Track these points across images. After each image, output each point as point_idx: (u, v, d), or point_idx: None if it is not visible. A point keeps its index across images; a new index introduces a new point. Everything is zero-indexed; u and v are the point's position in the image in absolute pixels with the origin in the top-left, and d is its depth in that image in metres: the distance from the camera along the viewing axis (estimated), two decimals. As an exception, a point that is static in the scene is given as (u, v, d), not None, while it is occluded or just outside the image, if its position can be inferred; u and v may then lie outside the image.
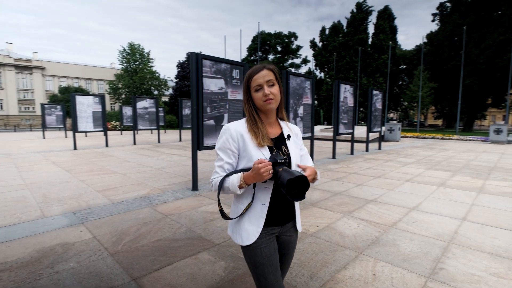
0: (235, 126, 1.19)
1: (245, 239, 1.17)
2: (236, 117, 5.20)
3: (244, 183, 1.09)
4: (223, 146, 1.19)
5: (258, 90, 1.15)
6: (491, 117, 46.33)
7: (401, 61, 38.28)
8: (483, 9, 29.35)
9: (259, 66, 1.17)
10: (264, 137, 1.16)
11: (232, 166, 1.19)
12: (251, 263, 1.20)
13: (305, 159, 1.34)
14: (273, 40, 45.13)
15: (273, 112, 1.23)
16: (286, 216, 1.24)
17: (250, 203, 1.16)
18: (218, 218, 3.36)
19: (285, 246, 1.28)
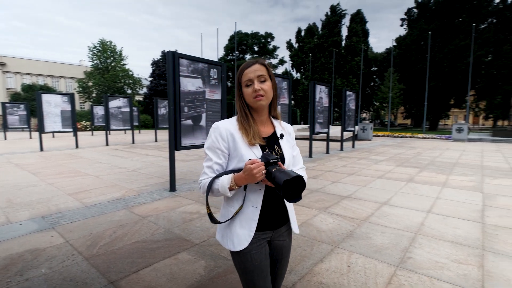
0: (225, 125, 1.13)
1: (236, 244, 1.10)
2: (214, 117, 5.19)
3: (235, 185, 1.03)
4: (212, 145, 1.12)
5: (248, 85, 1.10)
6: (453, 116, 49.59)
7: (372, 63, 39.87)
8: (446, 16, 31.39)
9: (252, 61, 1.12)
10: (255, 135, 1.10)
11: (221, 167, 1.12)
12: (240, 269, 1.16)
13: (297, 160, 1.26)
14: (250, 40, 45.27)
15: (265, 110, 1.17)
16: (279, 219, 1.18)
17: (241, 205, 1.10)
18: (197, 218, 3.36)
19: (278, 251, 1.22)
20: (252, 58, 1.19)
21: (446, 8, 31.14)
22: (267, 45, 45.78)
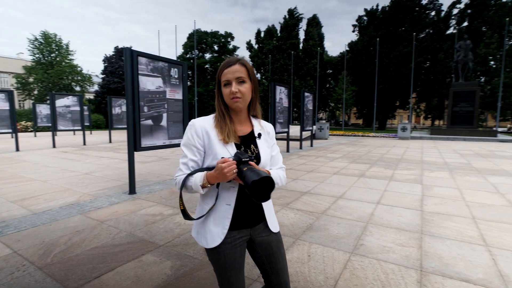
0: (200, 122, 1.14)
1: (209, 241, 1.12)
2: (175, 117, 5.11)
3: (208, 183, 1.04)
4: (188, 142, 1.13)
5: (226, 85, 1.10)
6: (399, 117, 54.39)
7: (328, 66, 42.08)
8: (391, 24, 34.34)
9: (233, 60, 1.10)
10: (230, 134, 1.11)
11: (197, 164, 1.13)
12: (214, 265, 1.18)
13: (275, 160, 1.25)
14: (210, 39, 44.72)
15: (243, 110, 1.17)
16: (255, 217, 1.18)
17: (214, 203, 1.11)
18: (160, 220, 3.30)
19: (265, 246, 1.21)
20: (233, 56, 1.20)
21: (391, 18, 34.09)
22: (227, 44, 45.63)
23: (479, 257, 2.43)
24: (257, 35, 43.79)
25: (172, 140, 5.08)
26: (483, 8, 30.07)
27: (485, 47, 28.49)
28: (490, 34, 28.64)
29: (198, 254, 2.46)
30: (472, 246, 2.65)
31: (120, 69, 32.64)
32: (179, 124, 5.21)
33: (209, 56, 45.95)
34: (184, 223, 3.18)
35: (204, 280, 2.08)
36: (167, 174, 5.93)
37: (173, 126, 5.08)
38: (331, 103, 41.75)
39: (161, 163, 7.46)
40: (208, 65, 44.59)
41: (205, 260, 2.36)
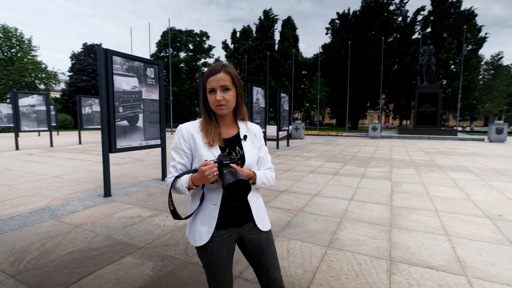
0: (186, 127, 1.20)
1: (197, 240, 1.17)
2: (152, 118, 5.03)
3: (193, 184, 1.09)
4: (175, 146, 1.19)
5: (211, 92, 1.14)
6: (370, 117, 56.83)
7: (302, 67, 43.00)
8: (362, 28, 35.78)
9: (218, 67, 1.14)
10: (215, 137, 1.15)
11: (184, 166, 1.18)
12: (202, 263, 1.23)
13: (263, 161, 1.28)
14: (185, 37, 43.99)
15: (228, 114, 1.22)
16: (243, 216, 1.21)
17: (200, 203, 1.16)
18: (138, 222, 3.26)
19: (255, 244, 1.24)
20: (217, 61, 1.24)
21: (362, 22, 35.52)
22: (202, 43, 45.14)
23: (441, 245, 2.68)
24: (232, 35, 43.73)
25: (149, 141, 5.00)
26: (444, 16, 32.27)
27: (446, 52, 30.60)
28: (450, 40, 30.82)
29: (179, 254, 2.48)
30: (435, 236, 2.90)
31: (90, 67, 31.14)
32: (156, 124, 5.14)
33: (184, 55, 45.20)
34: (163, 225, 3.17)
35: (187, 279, 2.11)
36: (143, 176, 5.81)
37: (149, 126, 5.00)
38: (306, 104, 42.70)
39: (137, 164, 7.28)
40: (183, 64, 43.83)
41: (187, 260, 2.39)
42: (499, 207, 3.87)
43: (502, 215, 3.54)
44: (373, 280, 2.10)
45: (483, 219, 3.39)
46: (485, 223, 3.27)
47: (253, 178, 1.17)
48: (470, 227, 3.14)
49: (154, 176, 5.76)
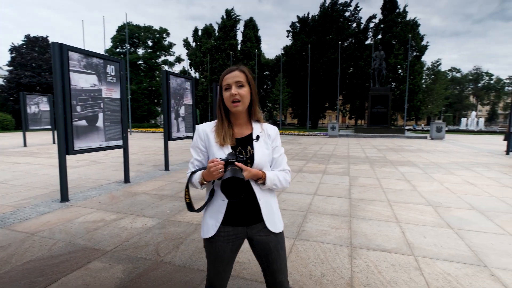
0: (203, 126, 1.29)
1: (205, 232, 1.24)
2: (113, 117, 4.81)
3: (204, 180, 1.17)
4: (194, 144, 1.30)
5: (227, 89, 1.21)
6: (328, 117, 59.73)
7: (265, 68, 43.67)
8: (320, 32, 37.44)
9: (233, 67, 1.23)
10: (226, 137, 1.21)
11: (201, 163, 1.27)
12: (206, 253, 1.30)
13: (277, 162, 1.30)
14: (143, 33, 42.03)
15: (243, 114, 1.27)
16: (251, 216, 1.23)
17: (209, 198, 1.23)
18: (103, 226, 3.14)
19: (263, 246, 1.25)
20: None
21: (320, 26, 37.18)
22: (162, 40, 43.54)
23: (393, 231, 3.00)
24: (194, 33, 42.91)
25: (110, 142, 4.78)
26: (392, 24, 35.14)
27: (394, 57, 33.36)
28: (398, 46, 33.67)
29: (151, 255, 2.46)
30: (388, 223, 3.23)
31: (34, 61, 28.29)
32: (117, 124, 4.93)
33: (143, 51, 43.19)
34: (131, 227, 3.09)
35: (160, 278, 2.11)
36: (103, 179, 5.52)
37: (110, 127, 4.78)
38: (268, 104, 43.45)
39: (94, 167, 6.86)
40: (142, 61, 41.89)
41: (159, 260, 2.38)
42: (439, 196, 4.41)
43: (441, 202, 4.06)
44: (337, 265, 2.30)
45: (426, 207, 3.85)
46: (428, 210, 3.72)
47: (263, 178, 1.19)
48: (416, 214, 3.56)
49: (115, 179, 5.50)
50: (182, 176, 5.77)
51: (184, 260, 2.39)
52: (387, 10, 36.47)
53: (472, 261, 2.38)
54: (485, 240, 2.79)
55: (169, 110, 6.37)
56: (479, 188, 4.89)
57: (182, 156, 8.84)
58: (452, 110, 53.49)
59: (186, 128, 7.10)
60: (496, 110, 57.83)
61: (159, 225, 3.15)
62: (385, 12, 36.76)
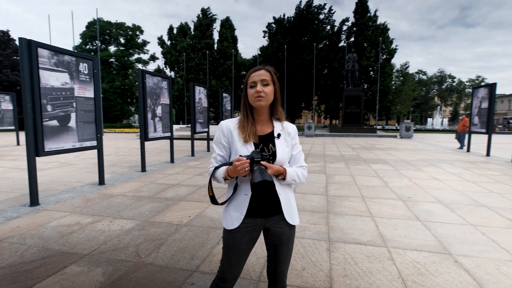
0: (226, 123, 1.33)
1: (229, 223, 1.29)
2: (86, 117, 4.63)
3: (228, 176, 1.22)
4: (216, 140, 1.33)
5: (252, 87, 1.26)
6: (304, 117, 60.88)
7: (242, 68, 43.71)
8: (296, 33, 38.11)
9: (260, 67, 1.28)
10: (250, 134, 1.26)
11: (223, 158, 1.32)
12: (223, 243, 1.34)
13: (296, 159, 1.36)
14: (115, 30, 40.46)
15: (265, 111, 1.32)
16: (271, 209, 1.29)
17: (233, 193, 1.29)
18: (79, 229, 3.03)
19: (276, 237, 1.32)
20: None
21: (296, 28, 37.85)
22: (135, 38, 42.16)
23: (367, 225, 3.17)
24: (169, 31, 41.99)
25: (84, 143, 4.60)
26: (364, 28, 36.58)
27: (366, 59, 34.77)
28: (370, 49, 35.13)
29: (131, 257, 2.42)
30: (362, 218, 3.41)
31: (-7, 57, 26.24)
32: (91, 124, 4.75)
33: (115, 49, 41.56)
34: (108, 230, 3.01)
35: (142, 279, 2.10)
36: (76, 181, 5.29)
37: (84, 127, 4.60)
38: (246, 104, 43.46)
39: (66, 169, 6.54)
40: (114, 59, 40.30)
41: (140, 261, 2.35)
42: (408, 191, 4.70)
43: (410, 197, 4.33)
44: (316, 258, 2.41)
45: (397, 201, 4.09)
46: (399, 204, 3.96)
47: (283, 174, 1.26)
48: (388, 208, 3.78)
49: (89, 181, 5.30)
50: (160, 177, 5.67)
51: (166, 260, 2.38)
52: (359, 14, 37.90)
53: (438, 249, 2.58)
54: (449, 230, 3.03)
55: (145, 110, 6.22)
56: (444, 183, 5.27)
57: (159, 157, 8.66)
58: (419, 111, 56.69)
59: (163, 128, 6.97)
60: (458, 111, 62.05)
61: (138, 227, 3.10)
62: (357, 16, 38.17)
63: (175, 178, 5.58)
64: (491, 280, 2.09)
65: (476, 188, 4.92)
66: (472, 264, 2.31)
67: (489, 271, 2.21)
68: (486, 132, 9.42)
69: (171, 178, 5.62)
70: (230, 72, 37.40)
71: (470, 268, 2.25)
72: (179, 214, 3.52)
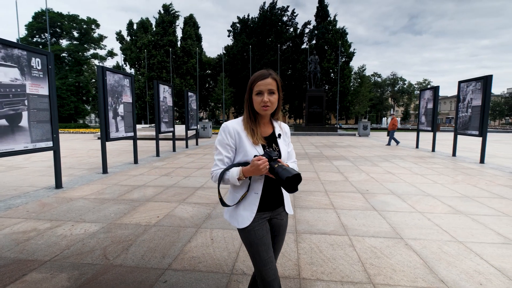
0: (233, 124, 1.34)
1: (240, 223, 1.32)
2: (40, 116, 4.31)
3: (243, 176, 1.24)
4: (222, 142, 1.33)
5: (258, 94, 1.29)
6: (270, 116, 61.66)
7: (206, 67, 43.12)
8: (260, 34, 38.59)
9: (265, 73, 1.29)
10: (259, 136, 1.33)
11: (230, 160, 1.34)
12: (246, 243, 1.35)
13: (290, 155, 1.48)
14: (67, 23, 37.49)
15: (267, 115, 1.39)
16: (276, 202, 1.39)
17: (246, 192, 1.31)
18: (36, 236, 2.84)
19: (276, 228, 1.43)
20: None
21: (260, 28, 38.33)
22: (90, 32, 39.50)
23: (330, 217, 3.41)
24: (129, 26, 39.98)
25: (37, 144, 4.28)
26: (325, 31, 38.21)
27: (327, 62, 36.37)
28: (330, 52, 36.80)
29: (98, 260, 2.35)
30: (326, 210, 3.65)
31: None
32: (46, 124, 4.43)
33: (67, 43, 38.53)
34: (70, 234, 2.87)
35: (112, 281, 2.06)
36: (28, 185, 4.88)
37: (37, 127, 4.28)
38: (211, 103, 43.03)
39: (14, 173, 5.99)
40: (66, 54, 37.34)
41: (108, 264, 2.29)
42: (366, 184, 5.10)
43: (368, 190, 4.71)
44: (285, 249, 2.54)
45: (356, 194, 4.42)
46: (358, 197, 4.29)
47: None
48: (349, 200, 4.08)
49: (43, 185, 4.93)
50: (124, 179, 5.45)
51: (136, 261, 2.35)
52: (320, 18, 39.51)
53: (391, 235, 2.88)
54: (401, 218, 3.38)
55: (106, 109, 5.93)
56: (396, 176, 5.79)
57: (120, 158, 8.28)
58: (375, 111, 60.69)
59: (126, 128, 6.70)
60: (408, 111, 67.64)
61: (103, 230, 2.99)
62: (318, 20, 39.74)
63: (140, 179, 5.41)
64: (434, 258, 2.40)
65: (423, 180, 5.49)
66: (420, 246, 2.63)
67: (433, 251, 2.53)
68: (431, 130, 10.46)
69: (136, 179, 5.44)
70: (195, 70, 36.69)
71: (418, 249, 2.55)
72: (147, 215, 3.45)
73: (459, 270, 2.21)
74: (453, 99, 67.73)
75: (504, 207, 3.80)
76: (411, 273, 2.16)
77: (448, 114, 70.51)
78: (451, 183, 5.25)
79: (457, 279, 2.09)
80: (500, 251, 2.53)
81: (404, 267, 2.25)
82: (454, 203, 4.00)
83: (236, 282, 2.05)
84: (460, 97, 8.57)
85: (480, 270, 2.22)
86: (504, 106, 57.00)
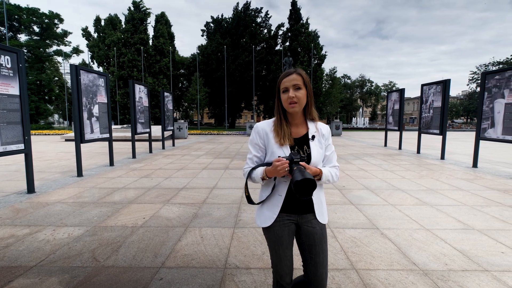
0: (262, 125, 1.37)
1: (262, 222, 1.36)
2: (10, 117, 4.09)
3: (266, 176, 1.27)
4: (252, 141, 1.38)
5: (285, 91, 1.29)
6: (245, 116, 62.04)
7: (180, 66, 42.27)
8: (234, 35, 38.61)
9: (291, 70, 1.30)
10: (285, 137, 1.30)
11: (259, 159, 1.37)
12: (268, 241, 1.39)
13: (329, 159, 1.40)
14: (26, 16, 34.91)
15: (299, 114, 1.35)
16: (303, 207, 1.34)
17: (270, 193, 1.34)
18: (16, 242, 2.73)
19: (309, 237, 1.35)
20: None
21: (235, 29, 38.35)
22: (53, 27, 37.09)
23: (312, 212, 3.60)
24: (96, 22, 38.13)
25: (7, 146, 4.06)
26: (298, 34, 39.08)
27: (300, 64, 37.23)
28: (303, 54, 37.72)
29: (88, 262, 2.34)
30: (308, 206, 3.84)
31: None
32: (17, 125, 4.22)
33: (26, 38, 35.89)
34: (54, 239, 2.80)
35: (107, 281, 2.07)
36: (-4, 191, 4.59)
37: (7, 128, 4.06)
38: (184, 103, 42.23)
39: (-24, 178, 5.58)
40: (25, 50, 34.75)
41: (99, 265, 2.29)
42: (342, 181, 5.40)
43: (344, 186, 5.00)
44: (273, 243, 2.69)
45: (334, 190, 4.69)
46: (336, 192, 4.56)
47: (319, 175, 1.29)
48: (327, 196, 4.32)
49: (13, 190, 4.66)
50: (102, 181, 5.30)
51: (128, 261, 2.37)
52: (293, 20, 40.33)
53: (368, 226, 3.13)
54: (376, 210, 3.67)
55: (80, 109, 5.72)
56: (369, 173, 6.18)
57: (94, 160, 7.97)
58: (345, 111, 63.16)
59: (101, 129, 6.49)
60: (376, 111, 71.17)
61: (88, 233, 2.94)
62: (291, 22, 40.53)
63: (119, 182, 5.29)
64: (406, 244, 2.67)
65: (393, 175, 5.92)
66: (394, 234, 2.90)
67: (405, 238, 2.81)
68: (398, 129, 11.20)
69: (115, 181, 5.31)
70: (168, 70, 35.83)
71: (392, 237, 2.82)
72: (132, 216, 3.43)
73: (428, 254, 2.49)
74: (416, 100, 72.48)
75: (462, 198, 4.25)
76: (388, 258, 2.40)
77: (411, 114, 75.17)
78: (417, 177, 5.71)
79: (427, 261, 2.36)
80: (461, 236, 2.87)
81: (381, 253, 2.49)
82: (421, 195, 4.39)
83: (231, 275, 2.15)
84: (423, 99, 9.29)
85: (445, 252, 2.51)
86: (459, 107, 62.02)
